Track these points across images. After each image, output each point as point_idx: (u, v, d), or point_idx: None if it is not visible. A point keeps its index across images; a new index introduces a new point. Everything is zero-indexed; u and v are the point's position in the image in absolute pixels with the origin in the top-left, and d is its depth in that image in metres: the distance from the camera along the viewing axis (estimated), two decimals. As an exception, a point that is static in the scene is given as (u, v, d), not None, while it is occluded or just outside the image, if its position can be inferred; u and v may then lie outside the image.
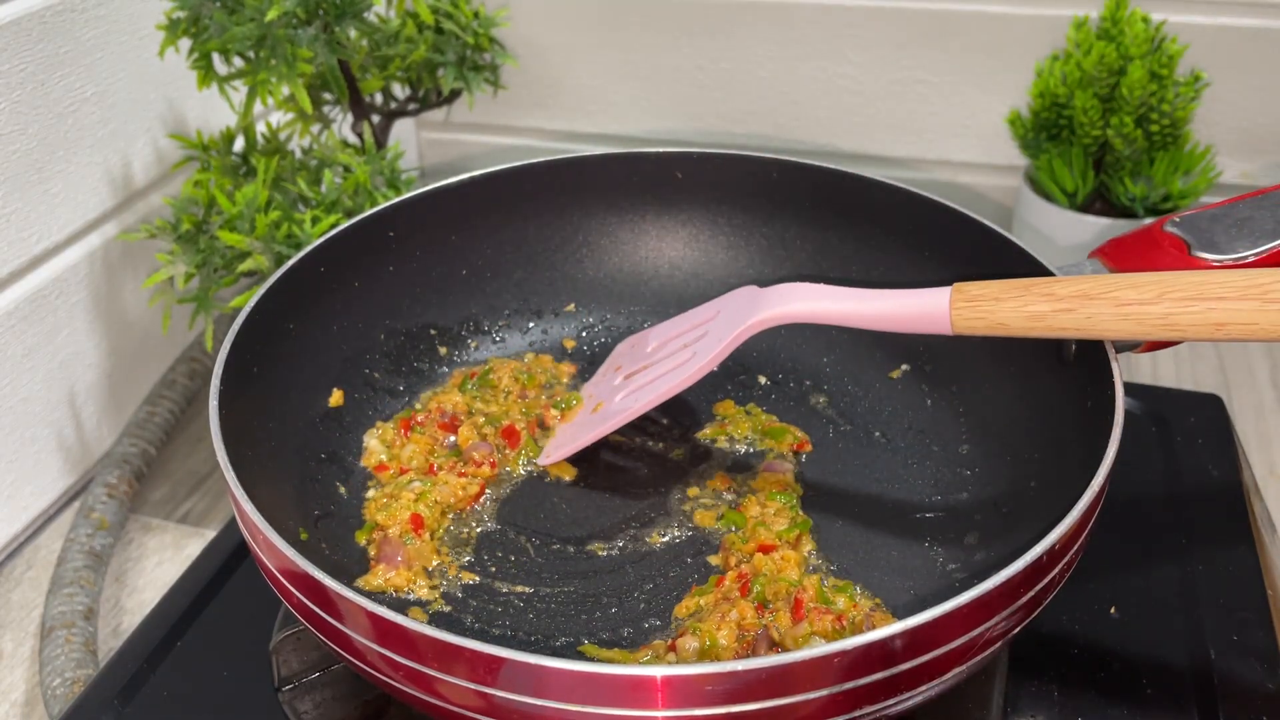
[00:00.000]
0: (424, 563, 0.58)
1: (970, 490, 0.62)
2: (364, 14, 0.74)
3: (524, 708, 0.42)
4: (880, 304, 0.56)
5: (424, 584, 0.57)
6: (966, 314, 0.53)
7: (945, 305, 0.53)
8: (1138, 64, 0.87)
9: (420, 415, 0.67)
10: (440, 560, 0.59)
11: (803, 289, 0.58)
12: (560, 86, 1.16)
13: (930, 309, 0.54)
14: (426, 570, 0.58)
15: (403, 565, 0.58)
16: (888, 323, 0.55)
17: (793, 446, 0.66)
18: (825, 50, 1.07)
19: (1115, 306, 0.49)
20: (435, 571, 0.58)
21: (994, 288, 0.53)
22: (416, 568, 0.58)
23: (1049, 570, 0.46)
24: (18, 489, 0.80)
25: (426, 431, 0.66)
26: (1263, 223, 0.57)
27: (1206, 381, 0.94)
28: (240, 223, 0.72)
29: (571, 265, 0.75)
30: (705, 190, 0.74)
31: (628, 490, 0.63)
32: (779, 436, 0.66)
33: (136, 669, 0.58)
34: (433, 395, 0.69)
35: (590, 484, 0.64)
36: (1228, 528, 0.64)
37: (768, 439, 0.66)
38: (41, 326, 0.80)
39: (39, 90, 0.76)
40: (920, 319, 0.54)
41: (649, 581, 0.58)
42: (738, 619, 0.53)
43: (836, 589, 0.55)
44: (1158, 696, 0.55)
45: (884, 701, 0.43)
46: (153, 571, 0.80)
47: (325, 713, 0.55)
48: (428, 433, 0.66)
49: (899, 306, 0.55)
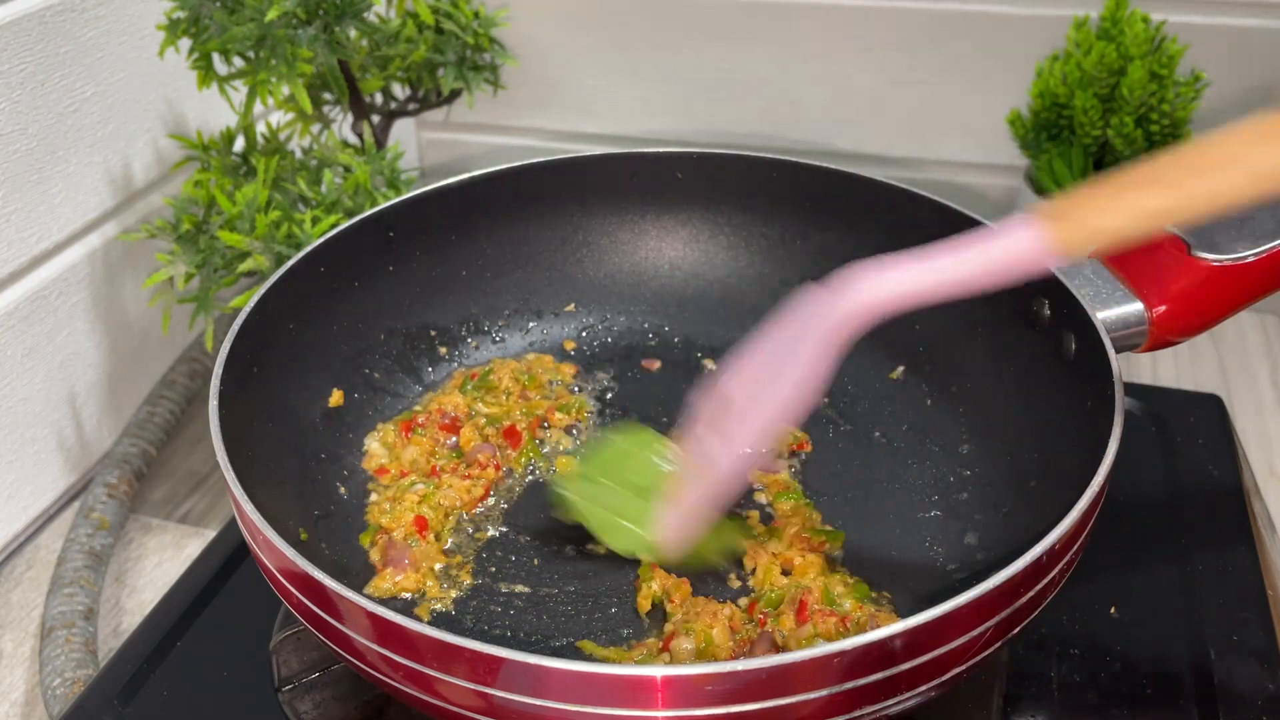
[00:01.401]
0: (430, 564, 0.58)
1: (970, 490, 0.62)
2: (364, 14, 0.74)
3: (524, 708, 0.42)
4: (961, 259, 0.48)
5: (434, 585, 0.58)
6: (1069, 235, 0.46)
7: (1038, 237, 0.46)
8: (1138, 64, 0.87)
9: (421, 417, 0.67)
10: (446, 562, 0.59)
11: (870, 278, 0.49)
12: (560, 86, 1.16)
13: (1021, 245, 0.46)
14: (434, 571, 0.58)
15: (410, 568, 0.58)
16: (978, 277, 0.48)
17: (791, 447, 0.66)
18: (825, 50, 1.07)
19: (1226, 167, 0.43)
20: (443, 574, 0.58)
21: (1078, 199, 0.46)
22: (424, 569, 0.58)
23: (1049, 570, 0.46)
24: (18, 489, 0.80)
25: (428, 433, 0.66)
26: (1263, 223, 0.57)
27: (1206, 381, 0.94)
28: (240, 223, 0.72)
29: (571, 265, 0.75)
30: (705, 190, 0.74)
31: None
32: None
33: (136, 669, 0.58)
34: (433, 397, 0.69)
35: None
36: (1228, 528, 0.64)
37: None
38: (41, 326, 0.80)
39: (39, 90, 0.76)
40: (1014, 260, 0.47)
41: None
42: (729, 615, 0.53)
43: (845, 590, 0.55)
44: (1158, 696, 0.55)
45: (884, 701, 0.43)
46: (153, 571, 0.80)
47: (325, 713, 0.55)
48: (429, 434, 0.66)
49: (982, 256, 0.47)
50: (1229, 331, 1.00)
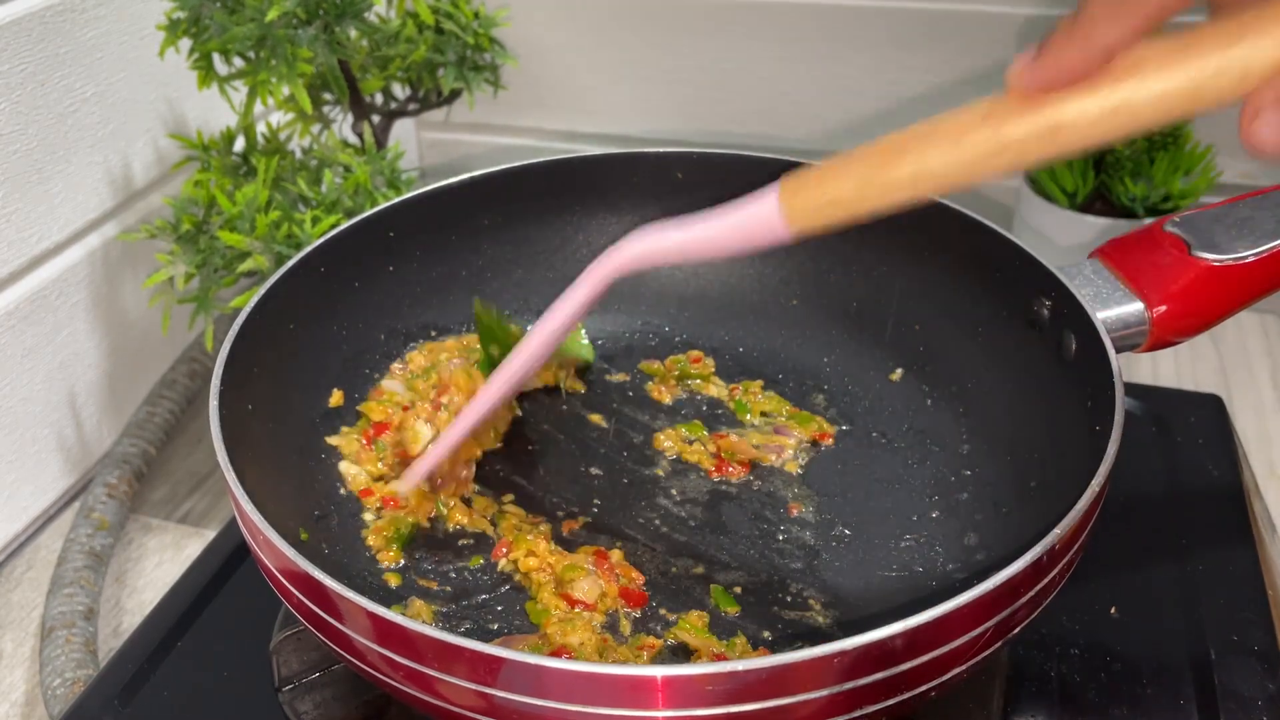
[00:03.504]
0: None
1: (970, 490, 0.62)
2: (364, 14, 0.74)
3: (524, 708, 0.42)
4: (711, 225, 0.51)
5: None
6: (800, 205, 0.48)
7: (775, 202, 0.48)
8: (1138, 64, 0.87)
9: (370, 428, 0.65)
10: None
11: (636, 236, 0.54)
12: (560, 86, 1.16)
13: (762, 212, 0.49)
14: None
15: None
16: (724, 242, 0.51)
17: (815, 435, 0.66)
18: (825, 50, 1.07)
19: (951, 141, 0.46)
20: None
21: (818, 169, 0.48)
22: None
23: (1049, 570, 0.46)
24: (18, 489, 0.80)
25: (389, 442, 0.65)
26: (1263, 223, 0.57)
27: (1206, 381, 0.94)
28: (240, 223, 0.72)
29: (571, 265, 0.75)
30: (705, 190, 0.74)
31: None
32: (805, 422, 0.67)
33: (136, 669, 0.58)
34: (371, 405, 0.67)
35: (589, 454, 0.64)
36: (1228, 528, 0.64)
37: (793, 422, 0.67)
38: (41, 326, 0.80)
39: (39, 90, 0.76)
40: (754, 227, 0.49)
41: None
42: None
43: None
44: (1158, 696, 0.55)
45: (884, 701, 0.43)
46: (153, 571, 0.80)
47: (325, 713, 0.55)
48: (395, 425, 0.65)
49: (729, 222, 0.50)
50: (1229, 331, 1.00)
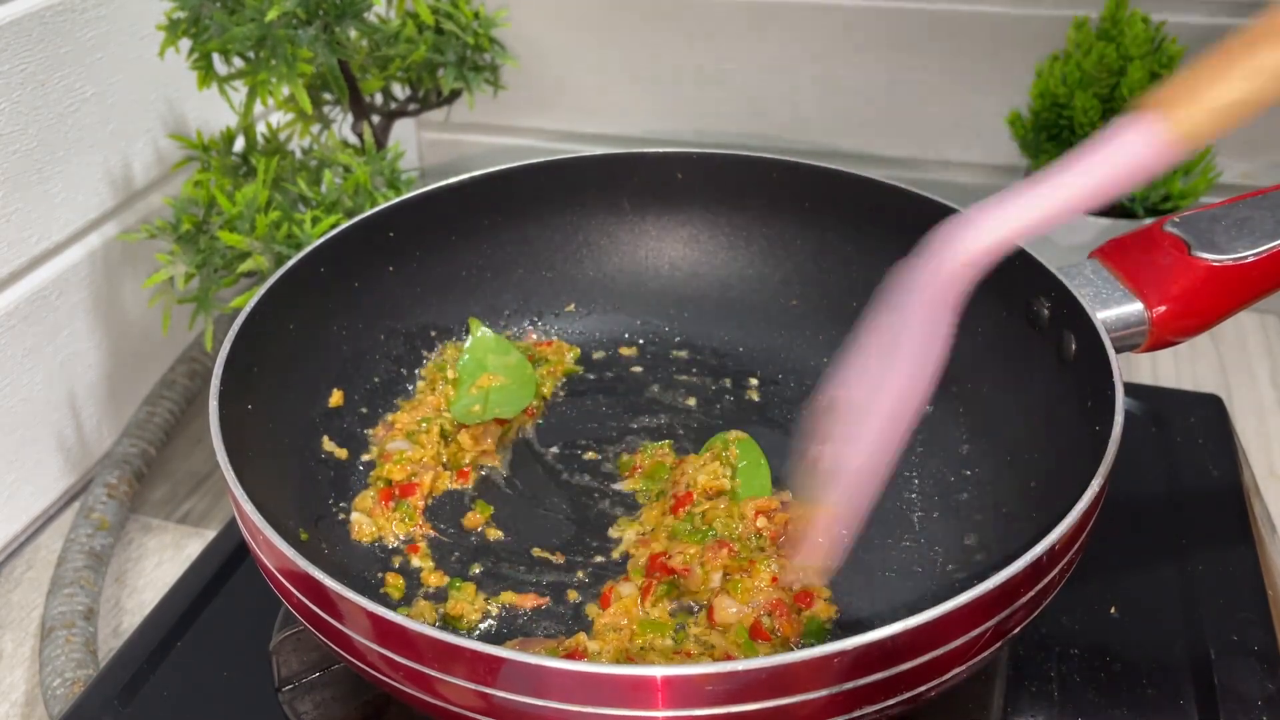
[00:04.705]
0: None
1: (970, 490, 0.62)
2: (364, 14, 0.74)
3: (524, 708, 0.42)
4: (1071, 186, 0.44)
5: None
6: (1191, 120, 0.41)
7: (1153, 132, 0.41)
8: (1138, 64, 0.87)
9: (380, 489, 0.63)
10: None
11: (969, 229, 0.45)
12: (560, 86, 1.16)
13: (1136, 150, 0.42)
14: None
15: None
16: (1092, 200, 0.44)
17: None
18: (826, 50, 1.07)
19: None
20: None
21: (1186, 78, 0.42)
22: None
23: (1049, 570, 0.46)
24: (18, 489, 0.80)
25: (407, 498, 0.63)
26: (1263, 223, 0.57)
27: (1206, 381, 0.94)
28: (240, 223, 0.72)
29: (571, 265, 0.75)
30: (705, 190, 0.74)
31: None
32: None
33: (136, 669, 0.58)
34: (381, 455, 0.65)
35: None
36: (1228, 528, 0.64)
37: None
38: (41, 326, 0.80)
39: (39, 90, 0.76)
40: (1132, 169, 0.43)
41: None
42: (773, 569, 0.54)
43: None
44: (1158, 696, 0.55)
45: (884, 701, 0.43)
46: (153, 571, 0.80)
47: (325, 713, 0.55)
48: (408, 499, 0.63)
49: (1096, 175, 0.43)
50: (1229, 331, 1.00)
